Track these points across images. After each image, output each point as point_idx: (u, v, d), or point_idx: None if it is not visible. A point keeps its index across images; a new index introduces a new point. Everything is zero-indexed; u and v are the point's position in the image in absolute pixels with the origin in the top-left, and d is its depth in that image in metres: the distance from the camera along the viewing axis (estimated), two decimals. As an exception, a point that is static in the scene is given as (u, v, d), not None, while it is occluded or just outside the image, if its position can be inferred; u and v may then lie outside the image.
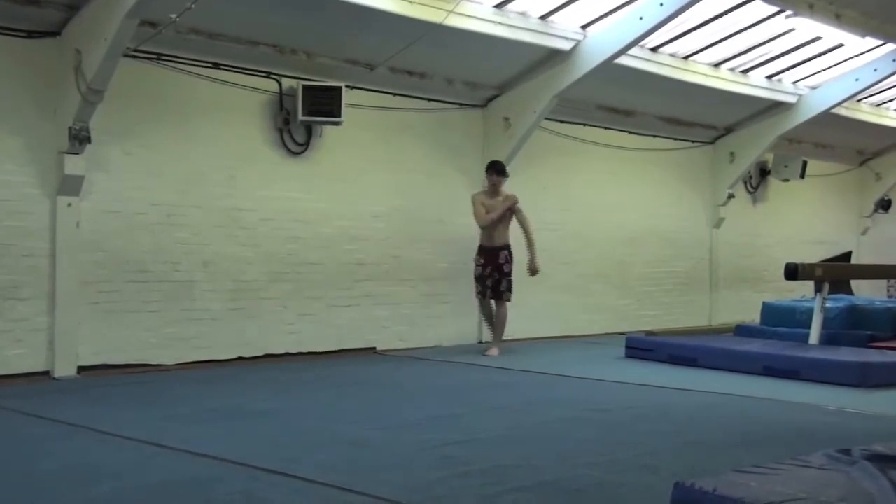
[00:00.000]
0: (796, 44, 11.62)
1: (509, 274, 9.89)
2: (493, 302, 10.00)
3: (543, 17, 9.91)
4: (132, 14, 7.25)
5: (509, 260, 9.91)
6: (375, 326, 10.01)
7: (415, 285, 10.36)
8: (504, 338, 10.21)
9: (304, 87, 9.12)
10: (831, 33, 10.91)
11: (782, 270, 9.95)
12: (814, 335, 9.68)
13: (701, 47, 11.36)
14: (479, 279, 9.96)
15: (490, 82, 10.78)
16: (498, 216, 9.80)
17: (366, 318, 9.92)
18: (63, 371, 7.84)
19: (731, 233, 14.16)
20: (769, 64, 12.23)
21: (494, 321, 10.07)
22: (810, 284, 10.46)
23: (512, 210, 9.85)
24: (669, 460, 5.11)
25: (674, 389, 7.77)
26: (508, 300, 9.92)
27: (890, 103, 14.70)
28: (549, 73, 10.43)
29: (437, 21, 8.87)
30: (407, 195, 10.30)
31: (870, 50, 11.93)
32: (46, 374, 7.82)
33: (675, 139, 13.32)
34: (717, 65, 11.92)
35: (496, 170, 9.98)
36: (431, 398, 7.25)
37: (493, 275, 9.86)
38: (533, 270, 9.94)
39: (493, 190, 9.96)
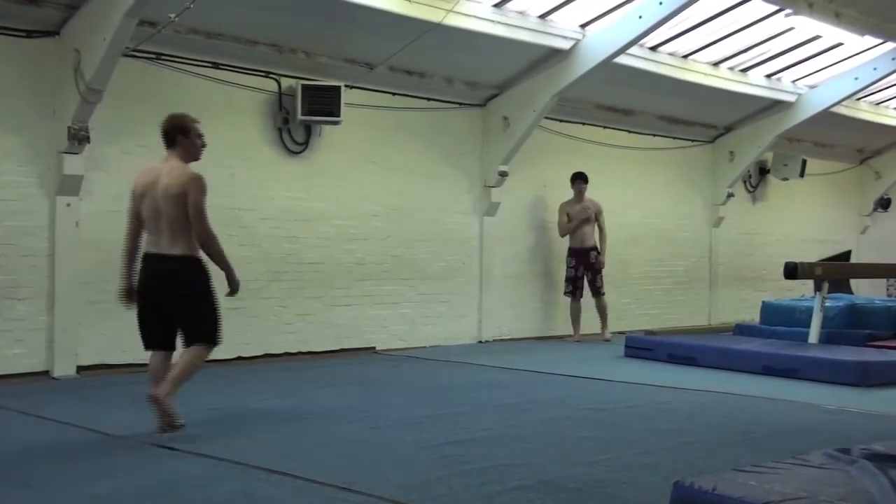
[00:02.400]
0: (795, 42, 11.62)
1: (600, 271, 11.18)
2: (581, 300, 11.24)
3: (542, 17, 9.91)
4: (131, 13, 7.26)
5: (598, 259, 11.17)
6: (375, 326, 10.01)
7: (414, 285, 10.35)
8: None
9: (304, 86, 9.11)
10: (830, 32, 10.91)
11: (782, 269, 9.96)
12: (813, 334, 9.68)
13: (700, 46, 11.36)
14: (572, 280, 11.19)
15: (489, 81, 10.77)
16: (573, 227, 11.12)
17: (365, 317, 9.92)
18: (62, 370, 7.84)
19: (730, 232, 14.16)
20: (768, 63, 12.23)
21: (600, 313, 11.30)
22: (810, 283, 10.46)
23: (597, 215, 11.22)
24: (669, 459, 5.12)
25: (673, 388, 7.77)
26: (604, 293, 11.26)
27: (889, 102, 14.69)
28: (549, 72, 10.42)
29: (436, 20, 8.87)
30: (406, 195, 10.29)
31: (869, 49, 11.92)
32: (46, 373, 7.81)
33: (675, 138, 13.31)
34: (716, 64, 11.92)
35: (582, 178, 11.22)
36: (431, 397, 7.24)
37: (587, 274, 11.16)
38: (601, 264, 11.24)
39: (579, 198, 11.16)
